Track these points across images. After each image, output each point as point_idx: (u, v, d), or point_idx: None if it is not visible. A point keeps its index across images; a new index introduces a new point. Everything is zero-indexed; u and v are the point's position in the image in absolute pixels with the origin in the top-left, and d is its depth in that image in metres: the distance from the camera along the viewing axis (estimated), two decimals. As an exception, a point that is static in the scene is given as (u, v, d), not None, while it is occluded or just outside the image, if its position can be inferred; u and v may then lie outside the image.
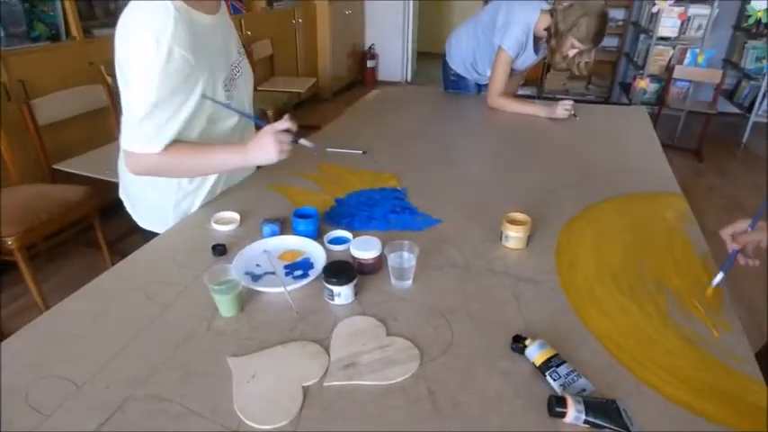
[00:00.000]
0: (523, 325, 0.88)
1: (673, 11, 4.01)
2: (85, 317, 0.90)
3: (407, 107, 2.19)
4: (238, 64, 1.23)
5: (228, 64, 1.18)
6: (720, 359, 0.81)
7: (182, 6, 1.00)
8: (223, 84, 1.14)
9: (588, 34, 1.82)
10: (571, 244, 1.13)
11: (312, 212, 1.15)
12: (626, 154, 1.70)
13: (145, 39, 0.96)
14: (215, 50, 1.12)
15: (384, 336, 0.85)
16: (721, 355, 0.82)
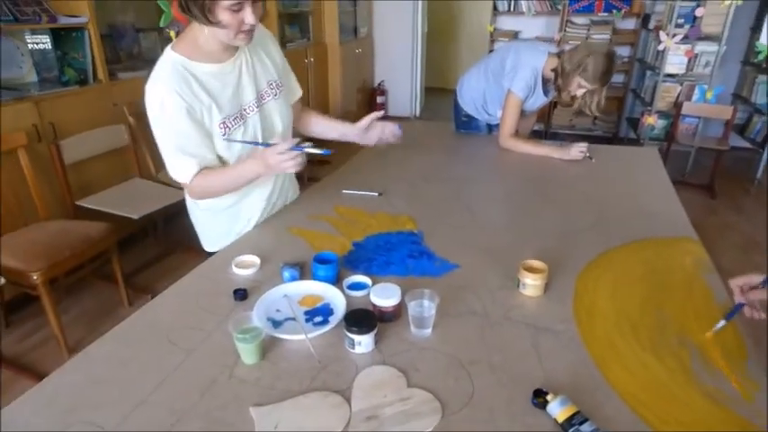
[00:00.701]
0: (544, 378, 0.88)
1: (679, 48, 4.08)
2: (113, 361, 0.92)
3: (420, 147, 2.23)
4: (256, 106, 1.31)
5: (238, 105, 1.28)
6: (746, 417, 0.80)
7: (184, 61, 1.19)
8: (222, 122, 1.25)
9: (594, 74, 1.86)
10: (588, 291, 1.13)
11: (332, 258, 1.18)
12: (639, 196, 1.71)
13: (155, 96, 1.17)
14: (216, 91, 1.23)
15: (405, 387, 0.86)
16: (747, 413, 0.81)
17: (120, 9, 3.09)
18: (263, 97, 1.34)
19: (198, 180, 1.25)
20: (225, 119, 1.25)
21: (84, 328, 2.27)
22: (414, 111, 6.16)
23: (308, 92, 4.91)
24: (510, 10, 5.23)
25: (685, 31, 3.99)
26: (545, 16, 5.21)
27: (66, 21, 2.56)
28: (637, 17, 4.96)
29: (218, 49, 1.22)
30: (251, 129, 1.31)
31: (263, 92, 1.34)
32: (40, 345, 2.19)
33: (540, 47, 2.12)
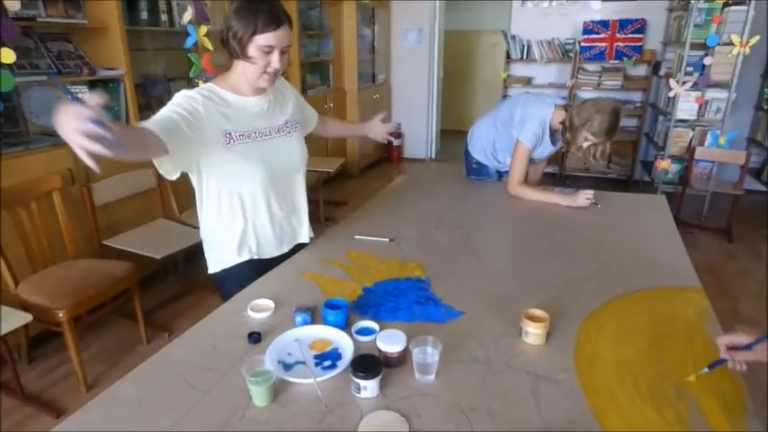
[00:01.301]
0: (542, 426, 0.91)
1: (690, 95, 4.15)
2: (132, 401, 0.98)
3: (432, 193, 2.31)
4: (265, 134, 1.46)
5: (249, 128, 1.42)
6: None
7: (212, 87, 1.39)
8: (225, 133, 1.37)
9: (601, 129, 1.94)
10: (591, 340, 1.17)
11: (342, 303, 1.23)
12: (645, 244, 1.74)
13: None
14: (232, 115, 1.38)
15: None
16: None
17: (152, 60, 3.31)
18: (278, 132, 1.50)
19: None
20: (231, 131, 1.37)
21: (104, 364, 2.34)
22: (429, 153, 6.30)
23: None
24: (523, 57, 5.41)
25: (695, 79, 4.06)
26: (557, 63, 5.37)
27: (104, 73, 2.76)
28: (648, 64, 5.08)
29: (245, 88, 1.41)
30: (262, 150, 1.44)
31: (279, 127, 1.50)
32: (60, 381, 2.25)
33: (548, 99, 2.21)
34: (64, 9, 2.64)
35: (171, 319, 2.74)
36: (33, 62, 2.60)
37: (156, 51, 3.34)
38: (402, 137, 6.20)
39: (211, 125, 1.33)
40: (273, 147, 1.48)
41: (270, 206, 1.51)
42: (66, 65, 2.70)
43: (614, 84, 5.04)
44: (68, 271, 2.26)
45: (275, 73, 1.36)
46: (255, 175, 1.44)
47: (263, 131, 1.46)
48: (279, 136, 1.50)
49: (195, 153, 1.33)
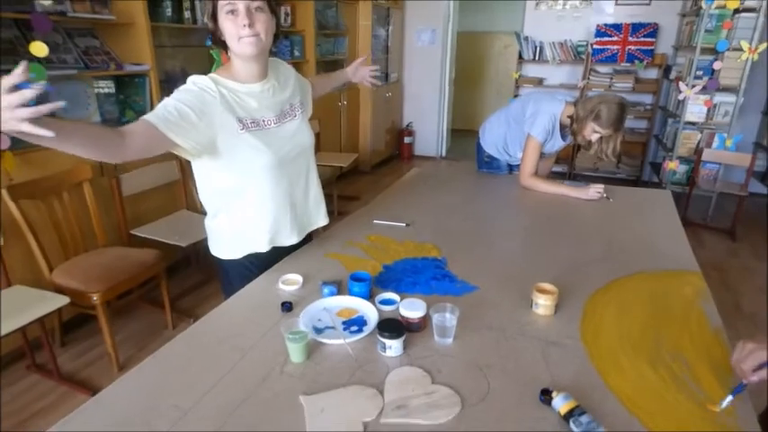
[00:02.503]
0: (551, 381, 1.01)
1: (699, 98, 4.22)
2: (183, 359, 1.10)
3: (445, 185, 2.41)
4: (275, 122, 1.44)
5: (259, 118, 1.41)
6: (726, 420, 0.92)
7: (215, 77, 1.36)
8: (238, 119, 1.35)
9: (607, 120, 2.02)
10: (596, 314, 1.27)
11: (366, 276, 1.34)
12: (650, 235, 1.83)
13: None
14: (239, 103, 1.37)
15: (429, 384, 1.01)
16: (727, 418, 0.93)
17: (174, 56, 3.43)
18: (285, 116, 1.48)
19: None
20: (243, 118, 1.36)
21: (133, 347, 2.46)
22: (440, 151, 6.40)
23: (341, 132, 5.21)
24: (535, 58, 5.50)
25: (704, 83, 4.14)
26: (569, 65, 5.46)
27: (131, 68, 2.89)
28: (659, 68, 5.15)
29: (246, 73, 1.38)
30: (272, 137, 1.42)
31: (285, 112, 1.49)
32: (92, 362, 2.38)
33: (558, 96, 2.31)
34: (90, 5, 2.76)
35: (194, 305, 2.87)
36: (61, 57, 2.73)
37: (177, 48, 3.47)
38: (413, 135, 6.31)
39: (223, 112, 1.32)
40: (283, 132, 1.46)
41: (287, 193, 1.51)
42: (93, 60, 2.83)
43: (625, 86, 5.12)
44: (100, 258, 2.39)
45: (254, 34, 1.29)
46: (270, 163, 1.42)
47: (271, 119, 1.44)
48: (287, 121, 1.49)
49: (208, 140, 1.31)
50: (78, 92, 2.94)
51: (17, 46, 2.49)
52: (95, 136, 1.11)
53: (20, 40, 2.49)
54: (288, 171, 1.50)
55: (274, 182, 1.46)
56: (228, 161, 1.38)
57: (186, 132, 1.25)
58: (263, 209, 1.48)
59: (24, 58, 2.40)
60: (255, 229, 1.50)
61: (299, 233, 1.59)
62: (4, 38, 2.42)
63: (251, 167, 1.41)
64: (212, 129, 1.31)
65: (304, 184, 1.59)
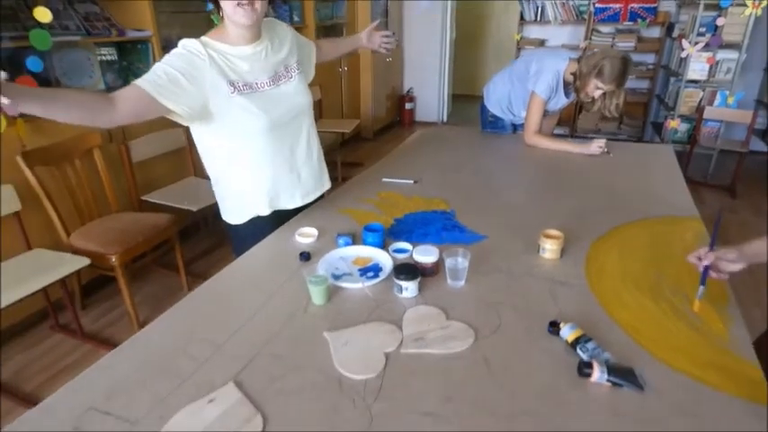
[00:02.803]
0: (558, 314, 1.08)
1: (701, 56, 4.20)
2: (214, 301, 1.17)
3: (450, 144, 2.45)
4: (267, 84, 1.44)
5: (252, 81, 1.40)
6: (723, 345, 0.99)
7: (207, 40, 1.34)
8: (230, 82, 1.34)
9: (610, 75, 2.04)
10: (599, 256, 1.33)
11: (379, 227, 1.40)
12: (652, 186, 1.88)
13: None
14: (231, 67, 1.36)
15: (445, 319, 1.08)
16: (724, 343, 1.00)
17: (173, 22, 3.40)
18: (279, 78, 1.47)
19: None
20: (235, 81, 1.35)
21: (150, 308, 2.55)
22: (441, 117, 6.39)
23: (342, 98, 5.20)
24: (536, 19, 5.42)
25: (707, 40, 4.11)
26: (571, 25, 5.39)
27: (133, 34, 2.88)
28: (661, 26, 5.09)
29: (237, 35, 1.36)
30: (266, 100, 1.41)
31: (280, 74, 1.47)
32: (113, 323, 2.47)
33: (562, 53, 2.32)
34: (89, -31, 2.74)
35: (206, 269, 2.94)
36: (63, 23, 2.71)
37: (178, 14, 3.44)
38: (414, 100, 6.28)
39: (214, 75, 1.32)
40: (278, 95, 1.45)
41: (285, 155, 1.51)
42: (94, 26, 2.81)
43: (627, 46, 5.07)
44: (115, 222, 2.45)
45: (252, 9, 1.29)
46: (264, 126, 1.41)
47: (264, 81, 1.43)
48: (282, 83, 1.47)
49: (199, 104, 1.31)
50: (81, 59, 2.93)
51: (18, 12, 2.48)
52: (81, 101, 1.12)
53: (20, 6, 2.48)
54: (285, 133, 1.50)
55: (270, 144, 1.47)
56: (221, 125, 1.38)
57: (177, 97, 1.25)
58: (261, 172, 1.49)
59: (27, 24, 2.40)
60: (255, 192, 1.51)
61: (301, 196, 1.60)
62: (5, 4, 2.41)
63: (245, 131, 1.42)
64: (203, 92, 1.31)
65: (305, 147, 1.58)
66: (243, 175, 1.50)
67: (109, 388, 0.90)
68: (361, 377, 0.91)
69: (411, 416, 0.83)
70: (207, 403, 0.86)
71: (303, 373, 0.93)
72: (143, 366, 0.96)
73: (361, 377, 0.91)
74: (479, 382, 0.90)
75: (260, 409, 0.84)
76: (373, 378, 0.91)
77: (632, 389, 0.88)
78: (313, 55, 1.72)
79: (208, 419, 0.82)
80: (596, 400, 0.86)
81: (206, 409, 0.84)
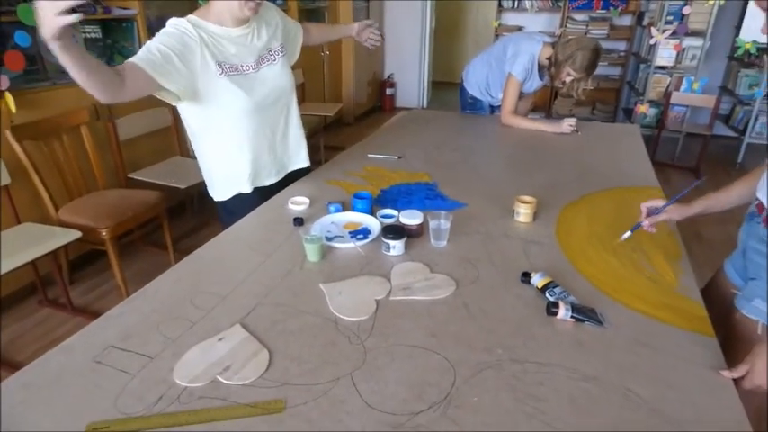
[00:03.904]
0: (530, 267, 1.20)
1: (668, 43, 4.39)
2: (214, 260, 1.26)
3: (431, 125, 2.55)
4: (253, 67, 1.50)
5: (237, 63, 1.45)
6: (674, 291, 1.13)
7: (196, 20, 1.39)
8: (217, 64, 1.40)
9: (581, 65, 2.18)
10: (568, 220, 1.46)
11: (367, 195, 1.50)
12: (617, 160, 2.03)
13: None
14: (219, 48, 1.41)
15: (429, 272, 1.19)
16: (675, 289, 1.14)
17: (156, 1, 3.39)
18: (263, 61, 1.53)
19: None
20: (222, 62, 1.41)
21: (139, 284, 2.56)
22: (421, 103, 6.48)
23: (323, 83, 5.24)
24: (514, 7, 5.55)
25: (674, 28, 4.30)
26: (547, 13, 5.53)
27: (118, 12, 2.88)
28: (632, 14, 5.27)
29: (227, 18, 1.42)
30: (250, 83, 1.47)
31: (263, 57, 1.53)
32: (102, 296, 2.52)
33: (537, 37, 2.43)
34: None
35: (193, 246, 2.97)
36: (47, 3, 2.71)
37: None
38: (395, 86, 6.36)
39: (203, 56, 1.36)
40: (261, 77, 1.51)
41: (266, 136, 1.58)
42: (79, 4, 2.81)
43: (600, 33, 5.24)
44: (103, 198, 2.49)
45: (258, 4, 1.36)
46: (247, 107, 1.47)
47: (249, 64, 1.48)
48: (265, 65, 1.53)
49: (190, 84, 1.36)
50: (65, 38, 2.93)
51: (1, -14, 2.47)
52: (102, 69, 1.15)
53: (4, -19, 2.47)
54: (267, 114, 1.56)
55: (253, 125, 1.52)
56: (207, 104, 1.43)
57: (170, 75, 1.30)
58: (243, 151, 1.55)
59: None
60: (237, 171, 1.57)
61: (277, 173, 1.68)
62: (-12, -20, 2.40)
63: (229, 111, 1.47)
64: (194, 72, 1.36)
65: (283, 126, 1.64)
66: (226, 155, 1.56)
67: (123, 331, 0.99)
68: (354, 319, 1.02)
69: (400, 347, 0.94)
70: (217, 341, 0.95)
71: (302, 317, 1.03)
72: (153, 314, 1.04)
73: (355, 319, 1.02)
74: (460, 322, 1.02)
75: (266, 346, 0.94)
76: (366, 320, 1.02)
77: (594, 324, 1.00)
78: (299, 37, 1.78)
79: (219, 354, 0.91)
80: (562, 334, 0.98)
81: (216, 345, 0.94)
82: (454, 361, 0.90)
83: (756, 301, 1.08)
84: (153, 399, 0.82)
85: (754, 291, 1.09)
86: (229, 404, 0.81)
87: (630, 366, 0.89)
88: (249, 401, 0.82)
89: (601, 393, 0.83)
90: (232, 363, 0.89)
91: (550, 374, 0.87)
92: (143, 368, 0.89)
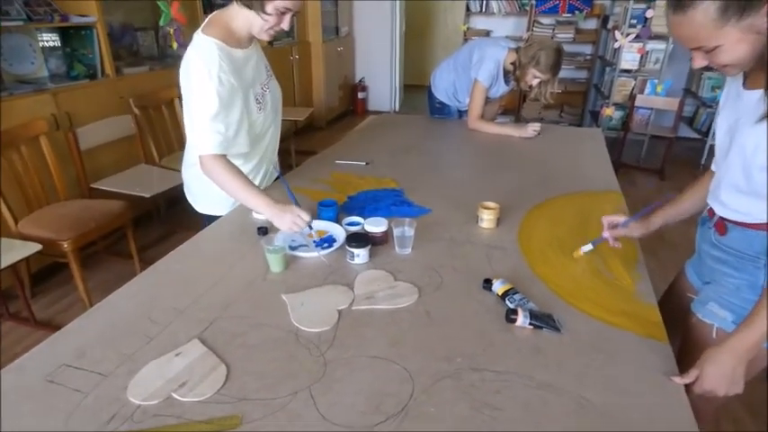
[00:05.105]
0: (492, 274, 1.21)
1: (632, 46, 4.51)
2: (175, 272, 1.24)
3: (400, 129, 2.57)
4: (267, 83, 1.58)
5: (260, 83, 1.53)
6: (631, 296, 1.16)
7: (222, 46, 1.37)
8: (255, 99, 1.49)
9: (546, 65, 2.22)
10: (531, 224, 1.48)
11: (332, 203, 1.50)
12: (580, 164, 2.07)
13: (201, 72, 1.34)
14: (248, 75, 1.47)
15: (393, 281, 1.19)
16: (631, 294, 1.16)
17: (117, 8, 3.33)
18: (270, 77, 1.61)
19: (220, 161, 1.39)
20: (256, 95, 1.50)
21: (101, 296, 2.49)
22: (393, 106, 6.51)
23: (294, 87, 5.22)
24: (482, 11, 5.62)
25: (637, 31, 4.42)
26: (514, 17, 5.61)
27: (77, 20, 2.81)
28: (597, 18, 5.40)
29: (244, 37, 1.44)
30: (269, 103, 1.56)
31: (268, 72, 1.61)
32: (65, 309, 2.45)
33: (502, 42, 2.47)
34: (28, -45, 2.65)
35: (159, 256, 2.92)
36: (3, 8, 2.63)
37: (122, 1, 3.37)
38: (366, 90, 6.37)
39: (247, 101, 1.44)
40: (270, 95, 1.56)
41: (268, 151, 1.67)
42: (35, 11, 2.72)
43: (567, 37, 5.34)
44: (65, 209, 2.42)
45: (279, 32, 1.40)
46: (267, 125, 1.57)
47: (266, 82, 1.55)
48: (270, 80, 1.59)
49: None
50: (23, 45, 2.85)
51: (-48, -6, 2.39)
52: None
53: (-45, -11, 2.39)
54: (273, 129, 1.65)
55: (265, 143, 1.62)
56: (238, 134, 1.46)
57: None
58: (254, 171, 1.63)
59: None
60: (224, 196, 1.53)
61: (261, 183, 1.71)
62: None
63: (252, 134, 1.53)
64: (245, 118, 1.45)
65: (274, 138, 1.69)
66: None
67: (77, 349, 0.96)
68: (316, 330, 1.02)
69: (361, 358, 0.94)
70: (174, 357, 0.93)
71: (263, 330, 1.02)
72: (109, 330, 1.02)
73: (317, 330, 1.02)
74: (422, 331, 1.02)
75: (224, 360, 0.93)
76: (327, 330, 1.02)
77: (551, 330, 1.02)
78: None
79: (175, 370, 0.90)
80: (521, 341, 1.00)
81: (173, 361, 0.92)
82: (413, 371, 0.91)
83: (711, 304, 1.11)
84: (106, 418, 0.80)
85: (708, 295, 1.12)
86: (183, 421, 0.80)
87: (585, 372, 0.91)
88: (204, 418, 0.80)
89: (555, 400, 0.85)
90: (188, 379, 0.88)
91: (507, 382, 0.88)
92: (96, 386, 0.87)
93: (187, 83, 1.39)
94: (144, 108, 3.04)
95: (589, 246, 1.30)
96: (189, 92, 1.39)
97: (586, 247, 1.30)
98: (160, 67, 3.34)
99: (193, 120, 1.40)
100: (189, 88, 1.38)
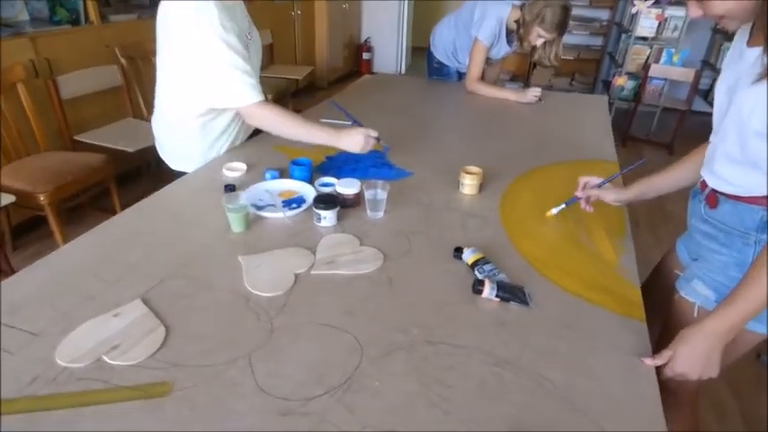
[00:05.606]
0: (466, 243, 1.13)
1: (650, 12, 4.28)
2: (133, 228, 1.17)
3: (396, 90, 2.44)
4: (250, 31, 1.50)
5: (245, 32, 1.45)
6: (612, 271, 1.08)
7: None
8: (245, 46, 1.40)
9: (551, 24, 2.07)
10: (515, 193, 1.39)
11: (306, 162, 1.41)
12: (579, 131, 1.96)
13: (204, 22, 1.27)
14: (238, 22, 1.41)
15: (358, 245, 1.12)
16: (613, 268, 1.08)
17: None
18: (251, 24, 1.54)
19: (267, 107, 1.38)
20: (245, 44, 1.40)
21: None
22: (399, 68, 6.30)
23: (295, 45, 5.04)
24: (494, -30, 5.33)
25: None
26: (528, -23, 5.33)
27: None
28: (616, -19, 5.12)
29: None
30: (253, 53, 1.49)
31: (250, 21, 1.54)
32: (46, 262, 2.41)
33: None
34: None
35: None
36: (-17, -53, 2.50)
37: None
38: (372, 51, 6.16)
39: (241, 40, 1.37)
40: (254, 43, 1.50)
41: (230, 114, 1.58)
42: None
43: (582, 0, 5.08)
44: (44, 161, 2.35)
45: None
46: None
47: (249, 31, 1.48)
48: (252, 28, 1.51)
49: None
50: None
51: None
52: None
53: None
54: None
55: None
56: None
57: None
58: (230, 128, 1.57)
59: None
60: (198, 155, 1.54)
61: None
62: None
63: None
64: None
65: None
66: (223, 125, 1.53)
67: (13, 304, 0.91)
68: (268, 295, 0.95)
69: (310, 326, 0.88)
70: (111, 317, 0.87)
71: (213, 293, 0.96)
72: (49, 286, 0.96)
73: (269, 295, 0.95)
74: (380, 299, 0.95)
75: (164, 323, 0.87)
76: (280, 295, 0.95)
77: (519, 304, 0.95)
78: None
79: (111, 331, 0.84)
80: (485, 314, 0.93)
81: (110, 321, 0.86)
82: (364, 341, 0.84)
83: (695, 282, 1.03)
84: (27, 380, 0.75)
85: (694, 272, 1.04)
86: (109, 387, 0.74)
87: (550, 351, 0.84)
88: (133, 384, 0.75)
89: (512, 379, 0.78)
90: (122, 341, 0.82)
91: (464, 357, 0.82)
92: (25, 345, 0.82)
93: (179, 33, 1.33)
94: (131, 59, 2.92)
95: (561, 205, 1.24)
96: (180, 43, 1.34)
97: (558, 208, 1.24)
98: (149, 16, 3.20)
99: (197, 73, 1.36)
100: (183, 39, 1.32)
